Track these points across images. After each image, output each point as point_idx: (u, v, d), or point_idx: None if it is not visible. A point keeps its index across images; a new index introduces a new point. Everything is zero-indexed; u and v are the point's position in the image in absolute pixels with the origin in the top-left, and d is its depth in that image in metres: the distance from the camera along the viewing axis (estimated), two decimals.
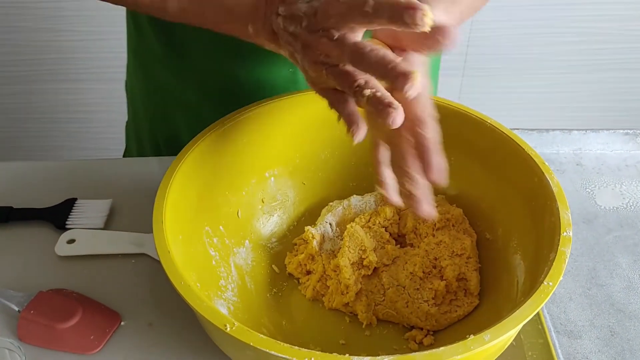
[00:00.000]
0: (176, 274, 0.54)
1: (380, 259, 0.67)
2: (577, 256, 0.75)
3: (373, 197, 0.74)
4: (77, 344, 0.63)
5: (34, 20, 1.63)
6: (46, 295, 0.66)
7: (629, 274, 0.73)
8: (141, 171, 0.84)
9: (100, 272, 0.71)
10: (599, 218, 0.80)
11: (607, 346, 0.66)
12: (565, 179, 0.85)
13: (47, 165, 0.85)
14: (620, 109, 1.81)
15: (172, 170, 0.63)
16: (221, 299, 0.63)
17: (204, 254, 0.65)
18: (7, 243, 0.74)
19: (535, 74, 1.71)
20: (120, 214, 0.78)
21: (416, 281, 0.66)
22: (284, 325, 0.65)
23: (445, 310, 0.65)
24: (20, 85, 1.74)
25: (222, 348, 0.57)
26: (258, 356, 0.51)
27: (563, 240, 0.56)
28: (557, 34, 1.66)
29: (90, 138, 1.85)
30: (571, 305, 0.70)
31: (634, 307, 0.69)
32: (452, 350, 0.48)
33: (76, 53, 1.69)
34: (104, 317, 0.66)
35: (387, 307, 0.65)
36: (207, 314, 0.51)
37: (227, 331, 0.49)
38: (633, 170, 0.86)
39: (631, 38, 1.69)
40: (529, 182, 0.63)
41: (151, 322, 0.66)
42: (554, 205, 0.59)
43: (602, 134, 0.89)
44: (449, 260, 0.66)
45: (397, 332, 0.65)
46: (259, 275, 0.69)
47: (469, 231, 0.69)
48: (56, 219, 0.76)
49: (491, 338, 0.48)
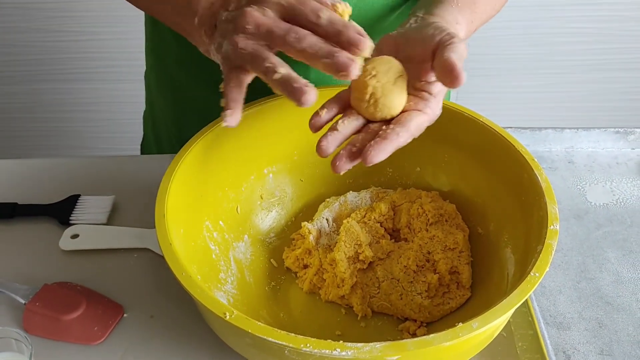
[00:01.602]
0: (178, 265, 0.56)
1: (375, 253, 0.69)
2: (568, 251, 0.77)
3: (369, 194, 0.76)
4: (81, 335, 0.65)
5: (38, 20, 1.64)
6: (51, 288, 0.68)
7: (617, 268, 0.75)
8: (142, 168, 0.86)
9: (103, 266, 0.73)
10: (589, 214, 0.82)
11: (595, 337, 0.68)
12: (557, 176, 0.87)
13: (51, 162, 0.87)
14: (612, 109, 1.83)
15: (173, 167, 0.65)
16: (221, 292, 0.64)
17: (205, 247, 0.67)
18: (13, 238, 0.76)
19: (529, 74, 1.73)
20: (123, 210, 0.80)
21: (410, 274, 0.68)
22: (282, 317, 0.67)
23: (438, 302, 0.67)
24: (22, 85, 1.76)
25: (222, 337, 0.59)
26: (256, 343, 0.53)
27: (550, 233, 0.57)
28: (550, 35, 1.68)
29: (91, 137, 1.86)
30: (561, 298, 0.72)
31: (622, 300, 0.71)
32: (441, 337, 0.50)
33: (77, 53, 1.70)
34: (107, 309, 0.67)
35: (382, 299, 0.67)
36: (208, 303, 0.53)
37: (226, 319, 0.51)
38: (623, 168, 0.88)
39: (623, 39, 1.71)
40: (519, 178, 0.65)
41: (153, 314, 0.68)
42: (542, 200, 0.61)
43: (593, 133, 0.91)
44: (441, 254, 0.68)
45: (391, 323, 0.67)
46: (257, 268, 0.71)
47: (461, 226, 0.71)
48: (60, 214, 0.78)
49: (479, 326, 0.50)
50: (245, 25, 0.54)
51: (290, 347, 0.50)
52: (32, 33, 1.66)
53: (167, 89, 0.93)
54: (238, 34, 0.55)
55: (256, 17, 0.54)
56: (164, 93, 0.95)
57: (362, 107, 0.59)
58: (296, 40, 0.53)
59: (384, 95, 0.57)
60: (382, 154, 0.54)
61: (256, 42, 0.54)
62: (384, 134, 0.55)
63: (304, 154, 0.77)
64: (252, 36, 0.55)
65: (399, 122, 0.56)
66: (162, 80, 0.94)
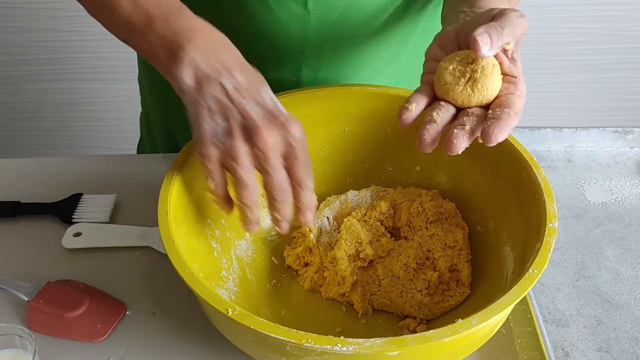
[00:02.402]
0: (181, 262, 0.56)
1: (375, 251, 0.70)
2: (566, 249, 0.77)
3: (369, 192, 0.76)
4: (84, 332, 0.66)
5: (41, 20, 1.65)
6: (54, 285, 0.69)
7: (615, 266, 0.75)
8: (144, 168, 0.86)
9: (105, 264, 0.73)
10: (588, 213, 0.82)
11: (594, 334, 0.68)
12: (556, 175, 0.88)
13: (53, 161, 0.88)
14: (610, 108, 1.84)
15: (175, 165, 0.66)
16: (223, 289, 0.65)
17: (206, 245, 0.67)
18: (16, 236, 0.77)
19: (529, 74, 1.72)
20: (124, 209, 0.80)
21: (410, 272, 0.68)
22: (283, 314, 0.68)
23: (438, 300, 0.67)
24: (25, 85, 1.77)
25: (224, 333, 0.60)
26: (259, 339, 0.53)
27: (549, 231, 0.58)
28: (550, 34, 1.69)
29: (93, 137, 1.87)
30: (559, 296, 0.72)
31: (620, 297, 0.72)
32: (441, 333, 0.50)
33: (79, 53, 1.71)
34: (109, 306, 0.68)
35: (382, 297, 0.68)
36: (210, 299, 0.53)
37: (229, 315, 0.52)
38: (622, 167, 0.89)
39: (623, 39, 1.71)
40: (518, 177, 0.66)
41: (155, 312, 0.68)
42: (541, 199, 0.62)
43: (592, 132, 0.92)
44: (441, 252, 0.69)
45: (391, 321, 0.68)
46: (259, 266, 0.72)
47: (461, 224, 0.72)
48: (63, 213, 0.78)
49: (478, 322, 0.51)
50: (257, 143, 0.57)
51: (292, 342, 0.50)
52: (43, 33, 1.67)
53: (159, 92, 0.94)
54: (236, 142, 0.57)
55: (269, 141, 0.57)
56: (155, 97, 0.95)
57: (456, 91, 0.57)
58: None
59: (484, 76, 0.56)
60: (504, 132, 0.53)
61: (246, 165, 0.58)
62: (497, 115, 0.54)
63: None
64: (252, 156, 0.58)
65: (503, 104, 0.55)
66: (154, 85, 0.94)
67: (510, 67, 0.58)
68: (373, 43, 0.83)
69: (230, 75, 0.58)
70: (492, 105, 0.56)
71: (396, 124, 0.74)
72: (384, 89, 0.75)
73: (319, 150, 0.78)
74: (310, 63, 0.81)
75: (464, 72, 0.57)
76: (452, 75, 0.57)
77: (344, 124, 0.77)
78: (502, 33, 0.55)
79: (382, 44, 0.83)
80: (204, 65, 0.58)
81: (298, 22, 0.77)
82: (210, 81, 0.58)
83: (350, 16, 0.78)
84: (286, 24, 0.77)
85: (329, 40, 0.79)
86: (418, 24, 0.85)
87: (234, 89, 0.58)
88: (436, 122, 0.55)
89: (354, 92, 0.76)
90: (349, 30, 0.79)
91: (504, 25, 0.55)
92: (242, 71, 0.59)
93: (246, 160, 0.57)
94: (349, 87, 0.77)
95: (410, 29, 0.85)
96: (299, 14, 0.76)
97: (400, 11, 0.81)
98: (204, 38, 0.60)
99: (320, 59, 0.81)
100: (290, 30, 0.78)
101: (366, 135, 0.77)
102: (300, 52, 0.80)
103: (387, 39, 0.83)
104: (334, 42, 0.80)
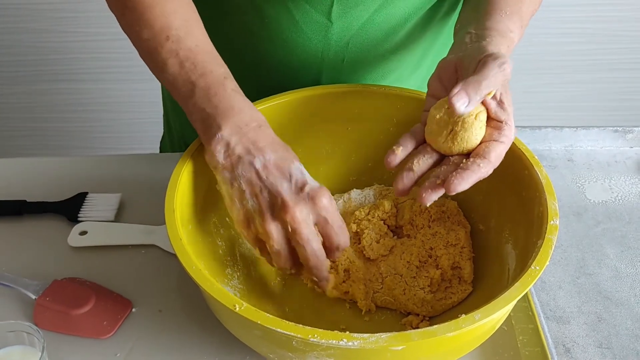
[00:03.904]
0: (188, 260, 0.57)
1: (378, 250, 0.71)
2: (567, 247, 0.78)
3: (372, 191, 0.77)
4: (91, 329, 0.67)
5: (43, 21, 1.66)
6: (61, 283, 0.69)
7: (616, 263, 0.76)
8: (148, 167, 0.87)
9: (111, 262, 0.74)
10: (588, 211, 0.83)
11: (594, 331, 0.69)
12: (557, 174, 0.88)
13: (59, 161, 0.88)
14: (610, 108, 1.85)
15: (182, 164, 0.66)
16: (228, 286, 0.66)
17: (212, 243, 0.68)
18: (22, 235, 0.77)
19: (529, 74, 1.74)
20: (129, 207, 0.81)
21: (413, 270, 0.69)
22: (287, 311, 0.69)
23: (441, 297, 0.68)
24: (31, 86, 1.77)
25: (231, 329, 0.60)
26: (265, 335, 0.54)
27: (550, 228, 0.59)
28: (549, 35, 1.70)
29: (94, 137, 1.87)
30: (560, 293, 0.73)
31: (620, 294, 0.73)
32: (444, 328, 0.51)
33: (80, 53, 1.71)
34: (116, 304, 0.69)
35: (385, 294, 0.69)
36: (218, 295, 0.54)
37: (236, 311, 0.52)
38: (621, 166, 0.90)
39: (622, 39, 1.72)
40: (520, 175, 0.67)
41: (161, 309, 0.69)
42: (542, 196, 0.62)
43: (592, 132, 0.92)
44: (443, 250, 0.69)
45: (394, 318, 0.69)
46: (263, 264, 0.72)
47: (463, 222, 0.73)
48: (68, 211, 0.79)
49: (481, 317, 0.51)
50: (287, 220, 0.59)
51: (299, 337, 0.51)
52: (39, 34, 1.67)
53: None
54: (275, 219, 0.59)
55: (297, 216, 0.59)
56: (173, 102, 0.96)
57: (438, 142, 0.61)
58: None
59: (463, 130, 0.59)
60: (465, 183, 0.57)
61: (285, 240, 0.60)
62: (466, 166, 0.58)
63: (309, 151, 0.77)
64: (284, 230, 0.60)
65: (478, 154, 0.59)
66: None
67: (497, 112, 0.61)
68: (394, 54, 0.83)
69: (261, 154, 0.61)
70: (472, 153, 0.60)
71: (399, 123, 0.76)
72: (387, 88, 0.76)
73: (322, 148, 0.78)
74: (330, 71, 0.81)
75: (447, 123, 0.60)
76: (438, 125, 0.61)
77: (347, 123, 0.77)
78: (480, 87, 0.57)
79: (404, 55, 0.84)
80: (237, 144, 0.62)
81: (320, 31, 0.77)
82: (241, 161, 0.61)
83: (373, 28, 0.78)
84: (309, 33, 0.77)
85: (350, 50, 0.80)
86: (439, 35, 0.85)
87: (263, 167, 0.61)
88: (414, 171, 0.61)
89: (358, 91, 0.76)
90: (370, 41, 0.79)
91: (482, 78, 0.57)
92: (273, 150, 0.62)
93: (279, 237, 0.60)
94: (353, 86, 0.77)
95: (431, 41, 0.85)
96: (322, 24, 0.76)
97: (422, 23, 0.81)
98: (240, 116, 0.63)
99: (341, 68, 0.81)
100: (311, 39, 0.78)
101: (369, 134, 0.77)
102: (320, 60, 0.80)
103: (409, 50, 0.83)
104: (355, 51, 0.80)
